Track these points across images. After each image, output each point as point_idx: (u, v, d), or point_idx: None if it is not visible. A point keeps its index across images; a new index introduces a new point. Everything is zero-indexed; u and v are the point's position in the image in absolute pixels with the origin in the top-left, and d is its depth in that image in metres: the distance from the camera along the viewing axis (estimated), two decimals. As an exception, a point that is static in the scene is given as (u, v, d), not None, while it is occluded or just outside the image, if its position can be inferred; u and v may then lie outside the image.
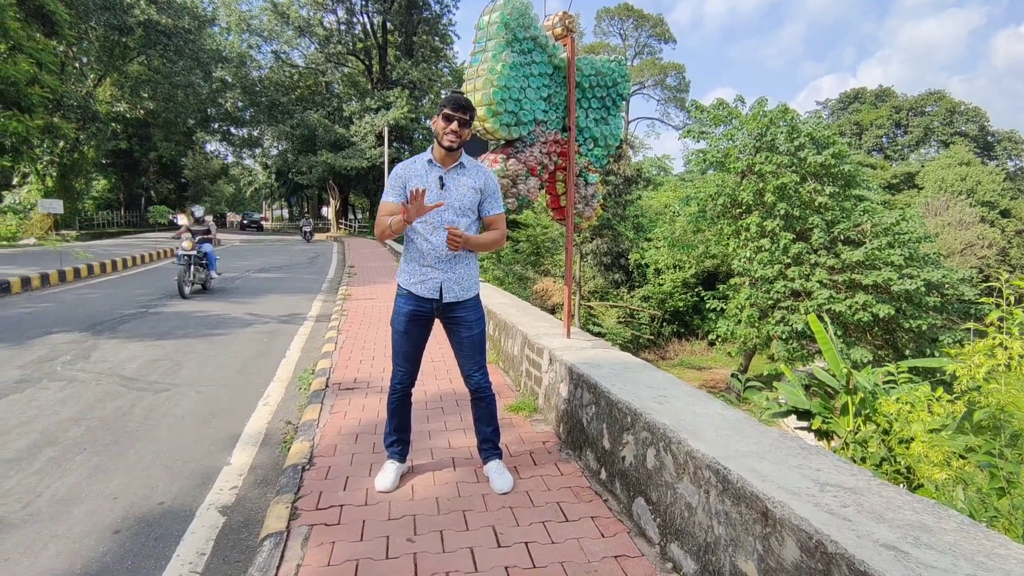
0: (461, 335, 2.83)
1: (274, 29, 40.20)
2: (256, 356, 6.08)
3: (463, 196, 2.70)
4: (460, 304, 2.79)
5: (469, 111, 2.65)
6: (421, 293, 2.74)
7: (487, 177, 2.79)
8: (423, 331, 2.84)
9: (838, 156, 16.86)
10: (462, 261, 2.76)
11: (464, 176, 2.73)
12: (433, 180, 2.68)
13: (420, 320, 2.80)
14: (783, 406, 4.99)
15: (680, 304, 25.07)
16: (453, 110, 2.61)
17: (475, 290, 2.86)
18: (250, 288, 11.64)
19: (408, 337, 2.81)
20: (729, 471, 1.85)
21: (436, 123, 2.66)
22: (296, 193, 54.11)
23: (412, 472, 3.06)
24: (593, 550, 2.29)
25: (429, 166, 2.72)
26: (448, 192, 2.69)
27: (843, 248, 16.34)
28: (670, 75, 55.10)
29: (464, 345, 2.84)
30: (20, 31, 18.67)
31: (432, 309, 2.78)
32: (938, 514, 1.56)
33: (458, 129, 2.62)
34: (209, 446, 3.74)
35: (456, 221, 2.68)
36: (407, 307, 2.78)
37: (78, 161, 29.30)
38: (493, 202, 2.79)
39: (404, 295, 2.80)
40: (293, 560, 2.24)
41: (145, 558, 2.54)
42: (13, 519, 2.81)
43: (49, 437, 3.79)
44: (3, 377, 5.04)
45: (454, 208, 2.69)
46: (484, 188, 2.76)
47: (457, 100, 2.65)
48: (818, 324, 5.25)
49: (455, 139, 2.63)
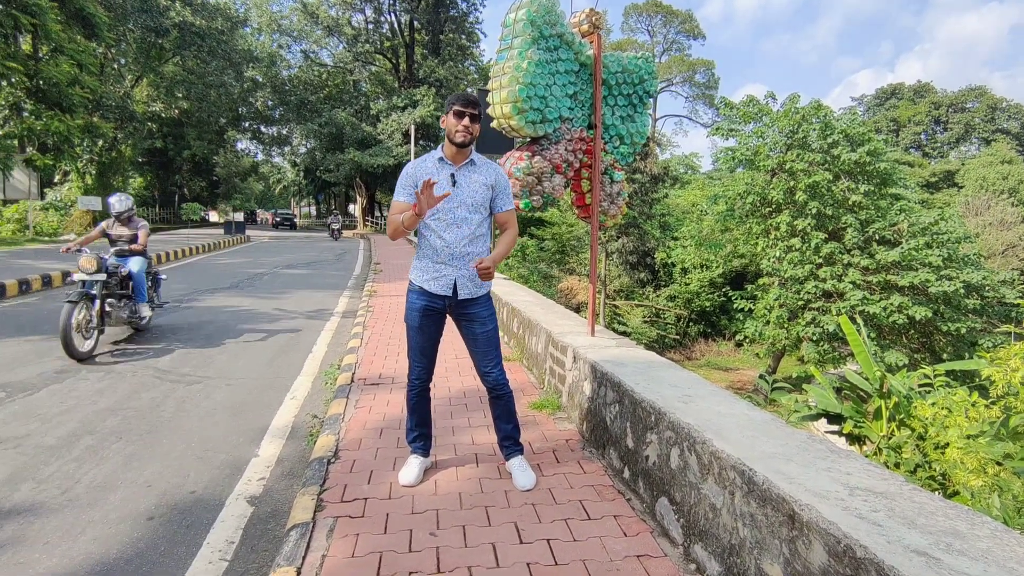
0: (475, 331, 2.83)
1: (304, 29, 40.88)
2: (284, 351, 6.19)
3: (475, 192, 2.72)
4: (474, 300, 2.81)
5: (478, 107, 2.67)
6: (435, 290, 2.75)
7: (498, 174, 2.80)
8: (437, 326, 2.85)
9: (873, 153, 16.42)
10: (475, 258, 2.76)
11: (475, 173, 2.75)
12: (445, 178, 2.69)
13: (433, 315, 2.81)
14: (813, 409, 4.89)
15: (707, 304, 24.74)
16: (463, 106, 2.63)
17: (488, 286, 2.88)
18: (278, 284, 11.85)
19: (423, 332, 2.82)
20: (755, 472, 1.82)
21: (446, 121, 2.68)
22: (324, 191, 54.92)
23: (436, 467, 3.08)
24: (615, 549, 2.28)
25: (440, 164, 2.74)
26: (460, 189, 2.70)
27: (878, 248, 15.92)
28: (699, 72, 54.38)
29: (479, 341, 2.84)
30: (61, 33, 19.28)
31: (445, 306, 2.80)
32: (971, 520, 1.51)
33: (469, 125, 2.64)
34: (238, 438, 3.83)
35: (468, 217, 2.70)
36: (420, 302, 2.79)
37: (116, 159, 30.19)
38: (504, 199, 2.81)
39: (416, 291, 2.81)
40: (318, 550, 2.28)
41: (177, 545, 2.61)
42: (53, 504, 2.91)
43: (87, 426, 3.92)
44: (45, 367, 5.23)
45: (466, 205, 2.70)
46: (495, 184, 2.77)
47: (466, 97, 2.67)
48: (850, 326, 5.13)
49: (467, 135, 2.65)
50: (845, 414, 4.35)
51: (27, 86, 20.04)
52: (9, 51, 17.50)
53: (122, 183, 32.90)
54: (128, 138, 29.98)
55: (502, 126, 3.73)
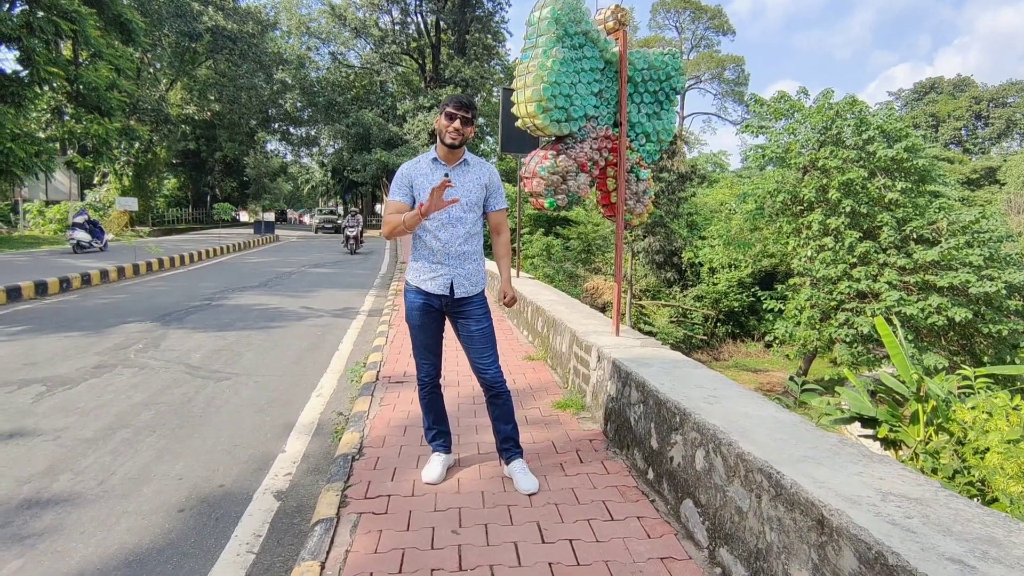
0: (471, 328, 2.85)
1: (332, 31, 41.46)
2: (310, 348, 6.29)
3: (470, 192, 2.77)
4: (469, 299, 2.84)
5: (471, 110, 2.71)
6: (431, 289, 2.79)
7: (491, 173, 2.86)
8: (438, 323, 2.89)
9: (911, 150, 15.93)
10: (471, 258, 2.82)
11: (469, 173, 2.80)
12: (439, 178, 2.73)
13: (433, 313, 2.85)
14: (846, 412, 4.76)
15: (735, 304, 24.36)
16: (455, 108, 2.69)
17: (483, 285, 2.91)
18: (305, 283, 12.03)
19: (425, 330, 2.87)
20: (783, 476, 1.78)
21: (439, 122, 2.74)
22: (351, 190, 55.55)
23: (458, 465, 3.09)
24: (639, 550, 2.25)
25: (434, 164, 2.79)
26: (455, 189, 2.73)
27: (916, 247, 15.44)
28: (728, 68, 53.52)
29: (475, 338, 2.86)
30: (100, 39, 19.89)
31: (441, 305, 2.83)
32: (1009, 528, 1.45)
33: (460, 127, 2.69)
34: (265, 433, 3.90)
35: (463, 217, 2.75)
36: (418, 300, 2.83)
37: (151, 161, 31.07)
38: (497, 198, 2.87)
39: (414, 291, 2.85)
40: (342, 545, 2.30)
41: (207, 536, 2.66)
42: (90, 495, 3.00)
43: (123, 419, 4.04)
44: (83, 362, 5.40)
45: (461, 205, 2.75)
46: (489, 184, 2.83)
47: (459, 99, 2.72)
48: (886, 327, 4.98)
49: (457, 136, 2.70)
50: (880, 418, 4.23)
51: (68, 91, 20.74)
52: (51, 57, 18.11)
53: (157, 184, 33.87)
54: (163, 140, 30.82)
55: (527, 125, 3.71)
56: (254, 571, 2.41)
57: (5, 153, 16.10)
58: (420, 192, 2.75)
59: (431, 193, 2.51)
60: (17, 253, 14.86)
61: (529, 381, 4.76)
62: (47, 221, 24.00)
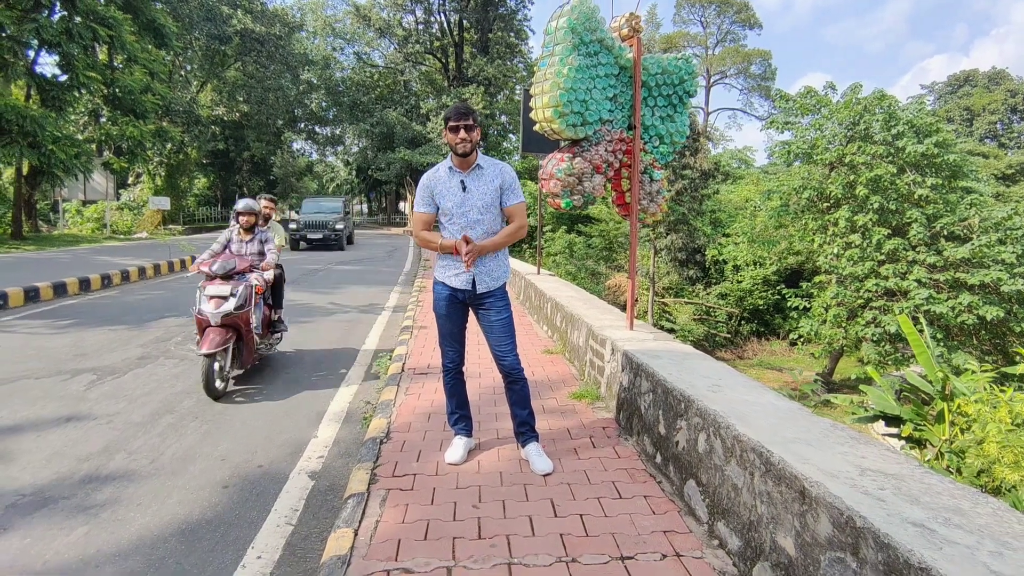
0: (491, 318, 3.07)
1: (356, 31, 42.07)
2: (339, 342, 6.57)
3: (484, 194, 2.99)
4: (490, 293, 3.07)
5: (470, 115, 2.92)
6: (456, 285, 3.04)
7: (504, 173, 3.05)
8: (462, 314, 3.13)
9: (942, 145, 15.66)
10: (492, 256, 3.04)
11: (483, 176, 3.01)
12: (455, 184, 2.99)
13: (457, 304, 3.10)
14: (870, 411, 4.81)
15: (760, 302, 24.15)
16: (456, 120, 2.90)
17: (504, 279, 3.13)
18: (332, 280, 12.39)
19: (450, 319, 3.11)
20: (771, 453, 1.95)
21: (446, 135, 2.96)
22: (375, 189, 56.28)
23: (479, 448, 3.31)
24: (643, 525, 2.44)
25: (450, 172, 3.02)
26: (470, 193, 2.98)
27: (946, 245, 15.19)
28: (755, 63, 52.74)
29: (495, 327, 3.07)
30: (135, 44, 20.58)
31: (465, 298, 3.07)
32: (975, 500, 1.61)
33: (466, 135, 2.89)
34: (299, 420, 4.16)
35: (481, 218, 2.98)
36: (444, 292, 3.09)
37: (183, 161, 31.96)
38: (511, 194, 3.04)
39: (440, 284, 3.12)
40: (373, 516, 2.53)
41: (249, 510, 2.92)
42: (143, 472, 3.29)
43: (167, 406, 4.34)
44: (128, 354, 5.75)
45: (478, 207, 2.97)
46: (503, 183, 3.02)
47: (456, 110, 2.92)
48: (910, 325, 5.01)
49: (467, 145, 2.91)
50: (904, 416, 4.26)
51: (104, 94, 21.49)
52: (89, 61, 18.81)
53: (188, 184, 34.81)
54: (194, 141, 31.69)
55: (544, 129, 3.90)
56: (294, 539, 2.66)
57: (47, 155, 16.80)
58: (441, 199, 3.01)
59: (456, 248, 2.87)
60: (59, 251, 15.53)
61: (548, 373, 4.95)
62: (85, 220, 24.91)
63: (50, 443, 3.62)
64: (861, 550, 1.50)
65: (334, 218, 20.76)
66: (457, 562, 2.19)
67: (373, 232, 37.32)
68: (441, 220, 3.07)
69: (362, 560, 2.21)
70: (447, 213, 3.00)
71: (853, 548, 1.53)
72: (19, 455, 3.44)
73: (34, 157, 16.61)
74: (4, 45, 16.10)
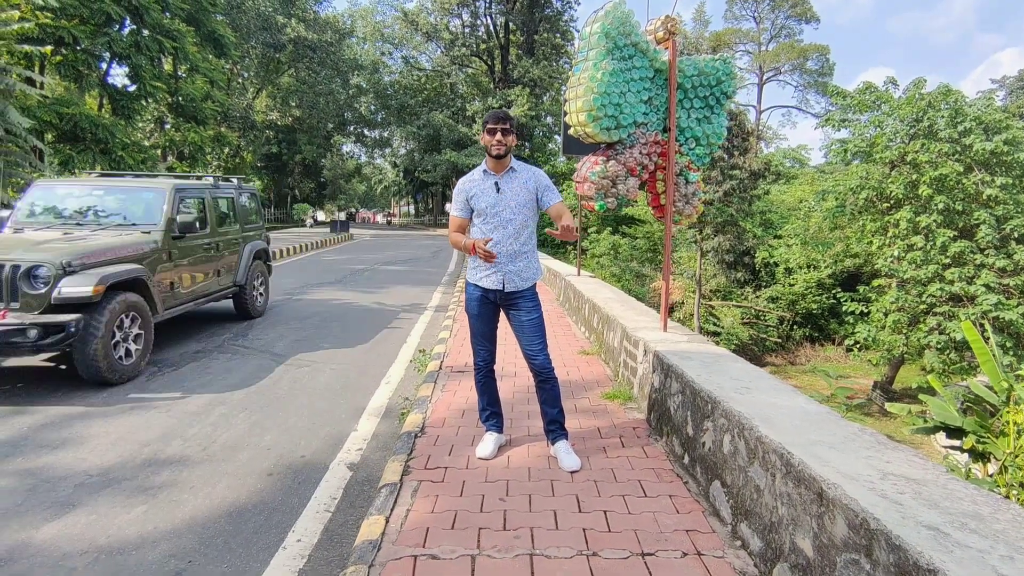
0: (522, 318, 3.16)
1: (404, 36, 42.96)
2: (381, 340, 6.78)
3: (517, 195, 3.08)
4: (520, 293, 3.15)
5: (508, 121, 3.02)
6: (487, 285, 3.14)
7: (537, 175, 3.15)
8: (493, 314, 3.23)
9: (1012, 143, 14.79)
10: (522, 256, 3.12)
11: (516, 178, 3.11)
12: (490, 187, 3.10)
13: (488, 304, 3.20)
14: (930, 421, 4.64)
15: (814, 306, 23.34)
16: (494, 123, 3.02)
17: (534, 279, 3.20)
18: (377, 279, 12.72)
19: (481, 319, 3.21)
20: (792, 455, 1.95)
21: (483, 138, 3.07)
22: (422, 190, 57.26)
23: (509, 445, 3.39)
24: (667, 523, 2.47)
25: (485, 175, 3.14)
26: (504, 194, 3.07)
27: (1017, 247, 14.34)
28: (811, 58, 50.93)
29: (526, 327, 3.15)
30: (197, 54, 21.68)
31: (496, 297, 3.17)
32: (996, 506, 1.58)
33: (502, 139, 3.00)
34: (340, 414, 4.34)
35: (513, 218, 3.07)
36: (477, 293, 3.19)
37: (239, 165, 33.38)
38: (550, 194, 3.12)
39: (472, 285, 3.23)
40: (404, 505, 2.65)
41: (291, 496, 3.10)
42: (196, 458, 3.52)
43: (220, 398, 4.61)
44: (185, 348, 6.10)
45: (511, 207, 3.07)
46: (537, 185, 3.11)
47: (495, 114, 3.04)
48: (975, 332, 4.80)
49: (502, 148, 3.02)
50: (967, 428, 4.10)
51: (169, 102, 22.73)
52: (155, 72, 19.93)
53: (245, 187, 36.27)
54: (249, 145, 33.11)
55: (579, 133, 3.95)
56: (331, 525, 2.81)
57: (117, 161, 17.89)
58: (475, 201, 3.12)
59: (475, 246, 2.93)
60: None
61: (583, 374, 4.99)
62: (151, 222, 26.29)
63: (115, 428, 3.91)
64: (874, 552, 1.50)
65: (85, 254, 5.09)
66: (481, 551, 2.27)
67: (419, 233, 38.02)
68: (475, 220, 3.17)
69: (392, 545, 2.32)
70: (481, 213, 3.11)
71: (867, 550, 1.54)
72: (88, 439, 3.74)
73: (106, 163, 17.69)
74: (79, 58, 17.22)
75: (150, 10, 18.08)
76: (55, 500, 2.98)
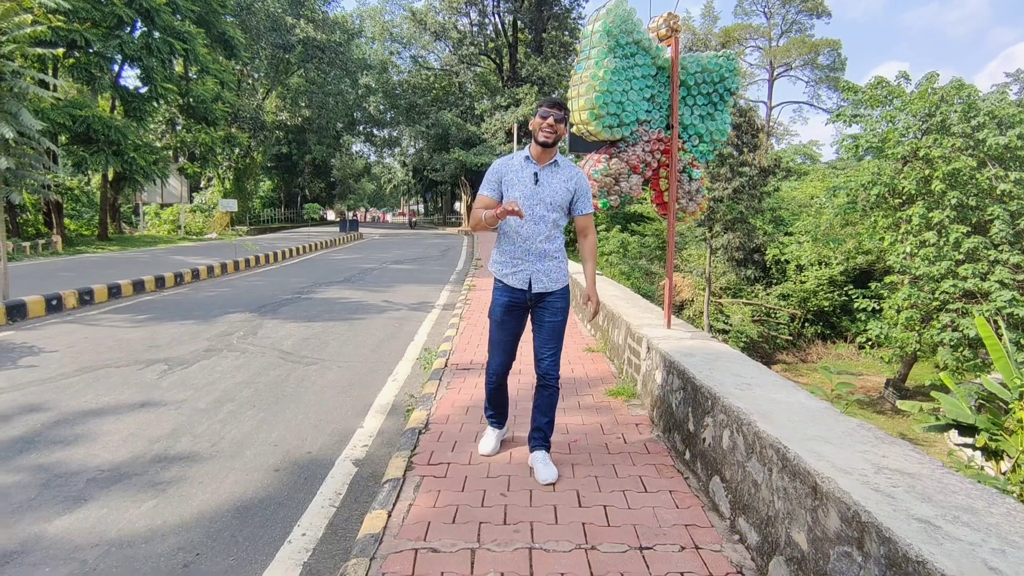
0: (544, 318, 2.99)
1: (413, 35, 43.06)
2: (388, 338, 6.83)
3: (555, 192, 2.88)
4: (550, 293, 2.97)
5: (563, 109, 2.86)
6: (513, 284, 2.95)
7: (579, 177, 2.95)
8: (519, 322, 3.04)
9: (1026, 137, 14.63)
10: (551, 255, 2.93)
11: (557, 174, 2.91)
12: (528, 175, 2.89)
13: (516, 311, 3.00)
14: (942, 419, 4.60)
15: (825, 303, 23.16)
16: (549, 107, 2.83)
17: (563, 282, 3.01)
18: (386, 278, 12.79)
19: (504, 328, 3.02)
20: (788, 450, 1.96)
21: (534, 122, 2.88)
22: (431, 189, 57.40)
23: (512, 442, 3.42)
24: (666, 518, 2.49)
25: (526, 163, 2.93)
26: (541, 187, 2.87)
27: (1032, 243, 14.20)
28: (823, 53, 50.38)
29: (544, 327, 2.99)
30: (207, 56, 21.88)
31: (525, 300, 2.98)
32: (991, 500, 1.58)
33: (554, 124, 2.81)
34: (347, 411, 4.39)
35: (546, 215, 2.87)
36: (503, 298, 2.99)
37: (249, 165, 33.66)
38: (584, 202, 2.95)
39: (500, 287, 3.01)
40: (406, 500, 2.69)
41: (297, 491, 3.14)
42: (205, 454, 3.58)
43: (228, 395, 4.67)
44: (196, 346, 6.18)
45: (545, 203, 2.87)
46: (576, 188, 2.92)
47: (553, 100, 2.88)
48: (988, 328, 4.77)
49: (551, 134, 2.83)
50: (979, 426, 4.07)
51: (180, 104, 22.97)
52: (166, 74, 20.15)
53: (254, 187, 36.60)
54: (259, 146, 33.38)
55: (581, 131, 3.97)
56: (336, 520, 2.85)
57: (129, 161, 18.13)
58: (508, 187, 2.91)
59: (507, 210, 2.68)
60: (139, 251, 16.73)
61: (587, 371, 5.01)
62: (162, 222, 26.64)
63: (126, 425, 3.98)
64: (865, 544, 1.52)
65: None
66: (481, 544, 2.30)
67: (428, 232, 38.14)
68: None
69: (393, 539, 2.36)
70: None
71: (859, 542, 1.55)
72: (100, 435, 3.81)
73: (118, 164, 17.93)
74: (92, 60, 17.45)
75: (161, 12, 18.27)
76: (68, 494, 3.05)
